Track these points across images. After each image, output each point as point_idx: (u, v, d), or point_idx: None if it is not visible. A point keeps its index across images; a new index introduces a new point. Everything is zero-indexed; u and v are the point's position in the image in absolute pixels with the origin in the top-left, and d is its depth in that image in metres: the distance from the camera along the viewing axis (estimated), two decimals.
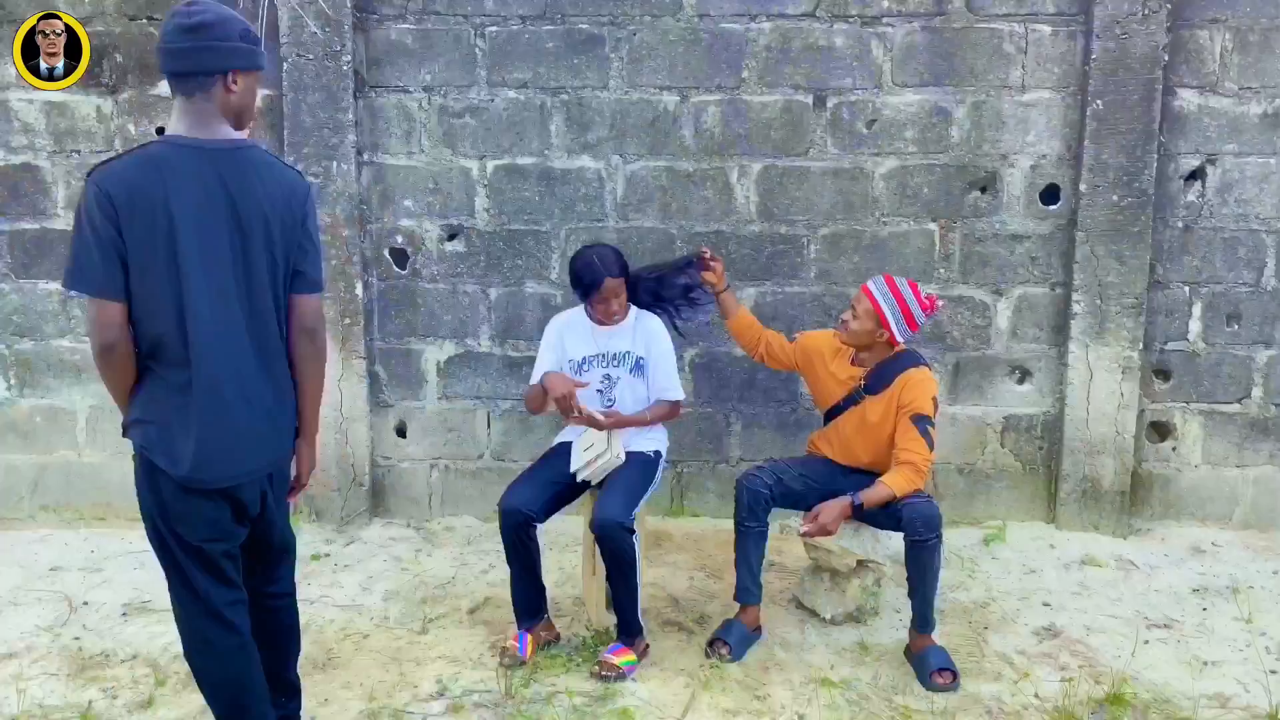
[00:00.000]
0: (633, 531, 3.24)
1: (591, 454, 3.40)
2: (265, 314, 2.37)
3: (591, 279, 3.40)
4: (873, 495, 3.24)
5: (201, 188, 2.24)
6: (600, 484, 3.45)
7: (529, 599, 3.42)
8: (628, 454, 3.46)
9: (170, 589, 2.45)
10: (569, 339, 3.56)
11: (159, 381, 2.29)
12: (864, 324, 3.37)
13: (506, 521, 3.30)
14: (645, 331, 3.54)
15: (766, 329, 3.74)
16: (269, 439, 2.44)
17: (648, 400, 3.57)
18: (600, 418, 3.39)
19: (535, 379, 3.54)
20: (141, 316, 2.24)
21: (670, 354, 3.56)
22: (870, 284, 3.38)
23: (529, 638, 3.37)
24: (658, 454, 3.59)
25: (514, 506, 3.30)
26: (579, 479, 3.44)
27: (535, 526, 3.34)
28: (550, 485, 3.42)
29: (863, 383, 3.46)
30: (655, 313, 3.60)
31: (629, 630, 3.34)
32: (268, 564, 2.63)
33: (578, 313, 3.60)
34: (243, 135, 2.35)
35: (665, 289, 3.60)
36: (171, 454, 2.29)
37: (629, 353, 3.51)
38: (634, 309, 3.57)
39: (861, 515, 3.33)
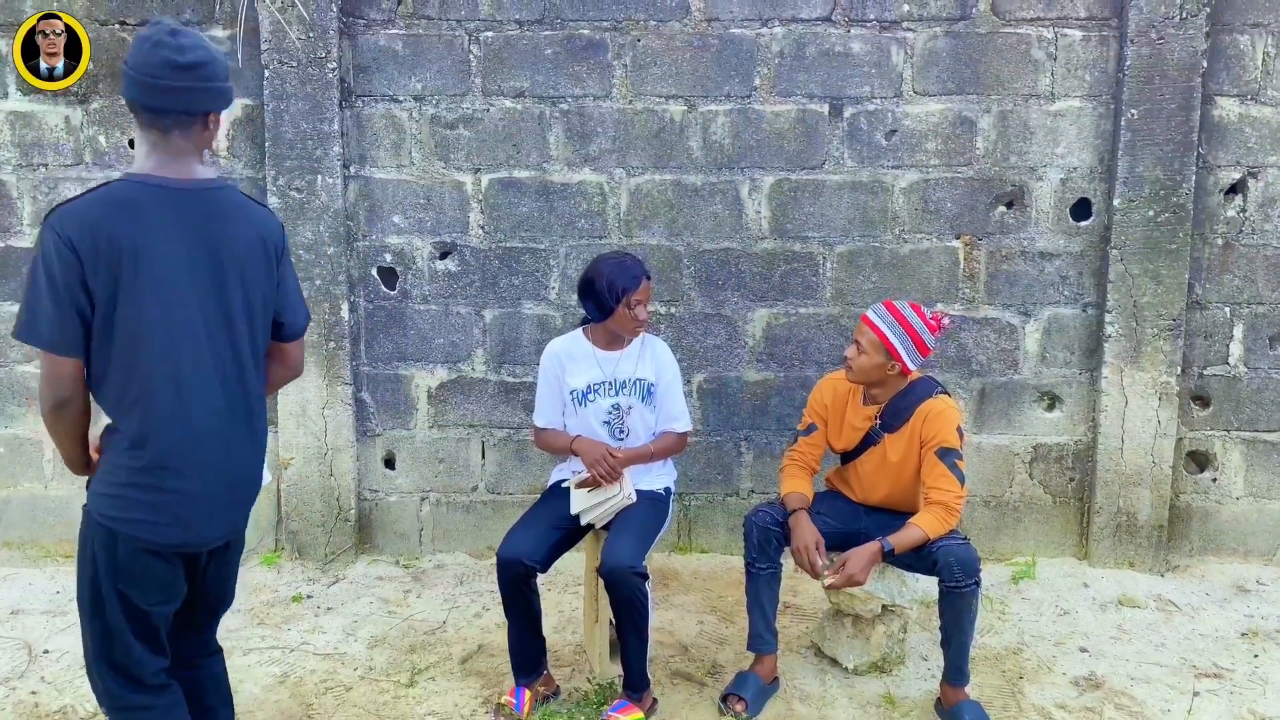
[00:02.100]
0: (645, 576, 2.97)
1: (600, 495, 3.13)
2: (244, 364, 2.23)
3: (629, 280, 3.13)
4: (904, 539, 2.97)
5: (172, 232, 2.09)
6: (607, 524, 3.17)
7: (528, 653, 3.14)
8: (639, 491, 3.19)
9: (94, 653, 2.22)
10: (569, 369, 3.27)
11: (123, 449, 2.11)
12: (872, 358, 3.09)
13: (505, 573, 3.02)
14: (654, 356, 3.30)
15: (795, 462, 3.34)
16: (247, 494, 2.31)
17: (655, 431, 3.31)
18: (587, 475, 3.16)
19: (540, 419, 3.34)
20: (108, 373, 2.07)
21: (679, 381, 3.35)
22: (870, 313, 3.12)
23: (526, 693, 3.09)
24: (668, 491, 3.33)
25: (514, 556, 3.01)
26: (584, 521, 3.17)
27: (536, 576, 3.06)
28: (552, 530, 3.14)
29: (878, 421, 3.19)
30: None
31: (636, 684, 3.06)
32: (202, 623, 2.41)
33: (574, 339, 3.33)
34: (212, 174, 2.21)
35: None
36: (146, 521, 2.12)
37: (641, 379, 3.25)
38: (646, 334, 3.35)
39: (891, 559, 3.05)
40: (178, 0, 4.01)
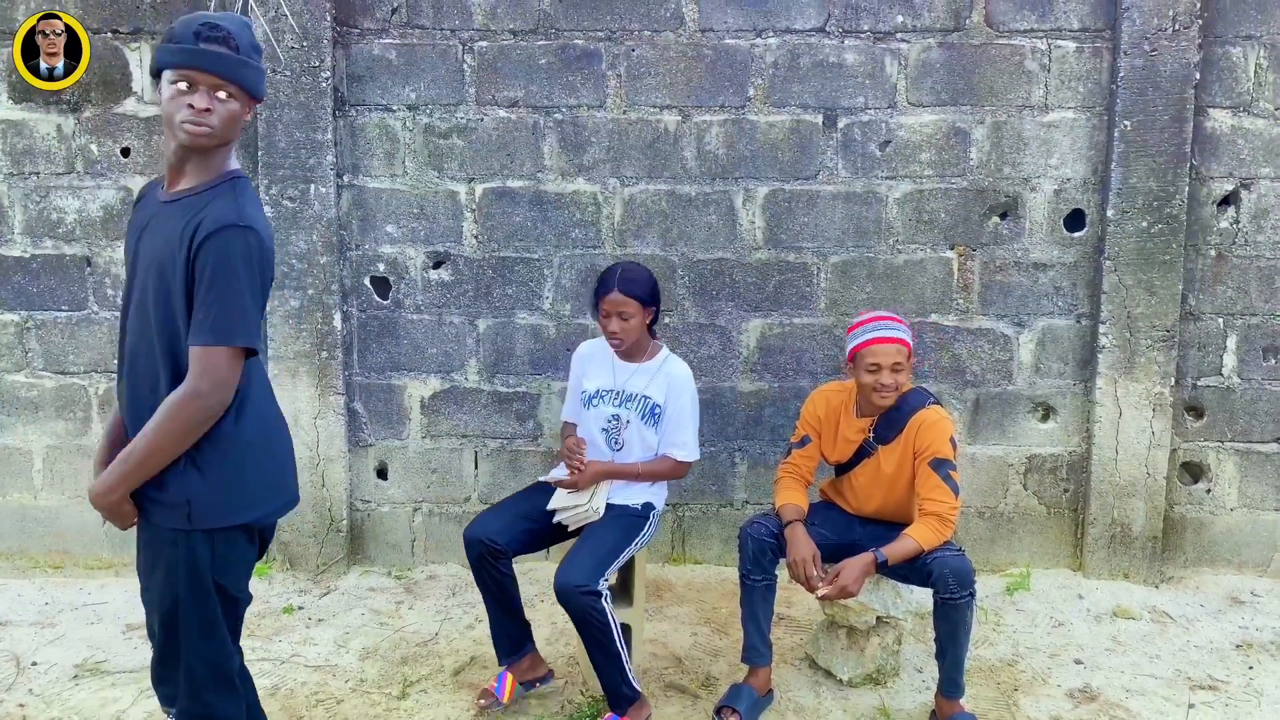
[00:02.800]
0: (598, 594, 2.90)
1: (570, 500, 3.15)
2: None
3: (600, 286, 3.18)
4: (897, 550, 2.95)
5: None
6: (579, 532, 3.16)
7: (506, 634, 3.18)
8: (612, 506, 3.17)
9: (189, 648, 2.20)
10: (588, 371, 3.34)
11: (242, 434, 2.14)
12: (907, 371, 3.11)
13: (470, 552, 3.10)
14: (669, 377, 3.24)
15: (789, 474, 3.30)
16: None
17: (657, 452, 3.27)
18: (564, 477, 3.18)
19: (564, 414, 3.52)
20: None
21: (690, 410, 3.25)
22: (894, 333, 3.07)
23: (509, 677, 3.13)
24: (649, 508, 3.25)
25: (475, 535, 3.09)
26: (555, 520, 3.18)
27: (504, 558, 3.09)
28: (522, 519, 3.17)
29: (872, 433, 3.18)
30: None
31: (616, 703, 3.02)
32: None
33: (602, 343, 3.35)
34: None
35: None
36: (262, 497, 2.20)
37: (646, 396, 3.22)
38: (665, 352, 3.30)
39: (885, 570, 3.03)
40: (170, 10, 3.99)
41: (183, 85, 2.02)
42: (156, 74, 2.09)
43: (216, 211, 2.01)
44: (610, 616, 2.92)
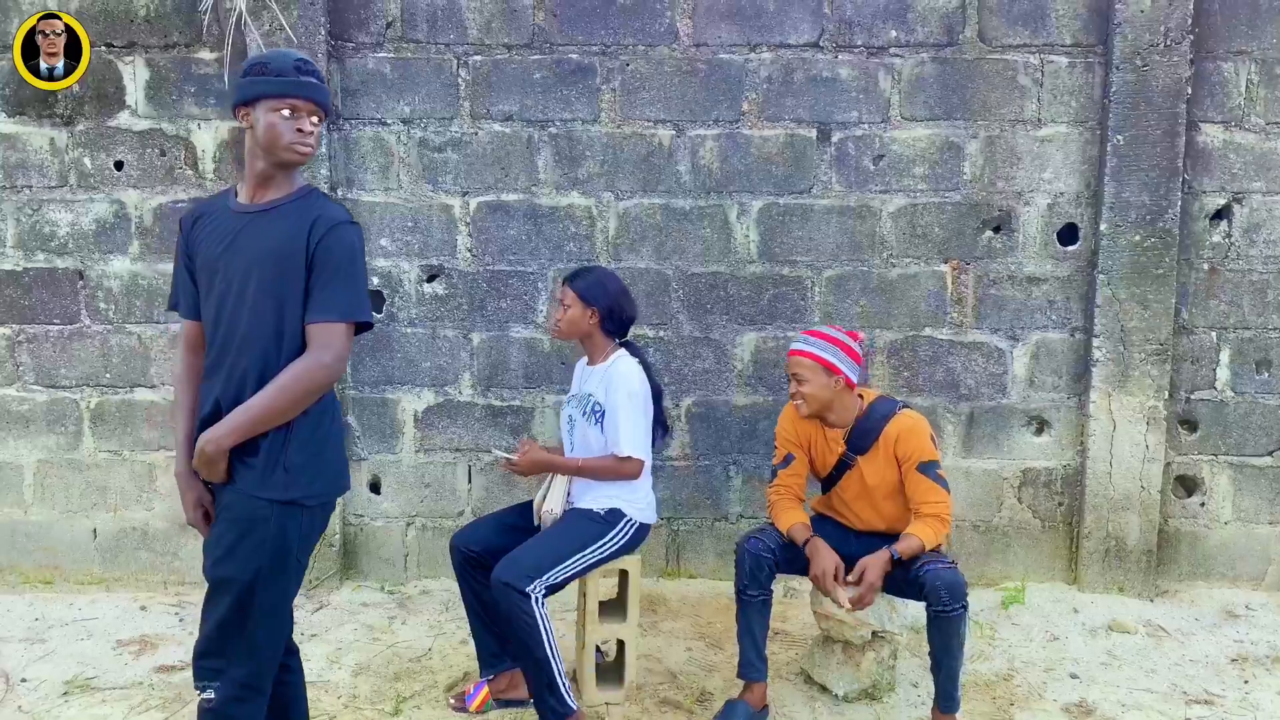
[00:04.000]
0: (526, 596, 2.87)
1: (539, 498, 3.22)
2: None
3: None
4: (906, 547, 2.98)
5: None
6: None
7: (482, 645, 3.22)
8: (573, 510, 3.19)
9: (255, 634, 2.28)
10: (574, 378, 3.43)
11: (332, 415, 2.36)
12: (816, 381, 3.10)
13: (453, 558, 3.18)
14: (609, 376, 3.18)
15: (782, 495, 3.28)
16: None
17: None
18: (513, 456, 3.21)
19: None
20: None
21: (625, 406, 3.11)
22: (794, 346, 3.15)
23: (485, 689, 3.19)
24: (616, 514, 3.15)
25: (454, 543, 3.20)
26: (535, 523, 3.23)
27: (481, 567, 3.11)
28: (507, 529, 3.19)
29: (846, 445, 3.19)
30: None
31: (541, 714, 2.96)
32: None
33: None
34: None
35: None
36: (344, 471, 2.41)
37: (590, 395, 3.23)
38: (619, 354, 3.23)
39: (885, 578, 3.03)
40: (165, 23, 4.00)
41: (286, 112, 2.26)
42: (246, 103, 2.26)
43: (329, 211, 2.27)
44: (541, 622, 2.88)
